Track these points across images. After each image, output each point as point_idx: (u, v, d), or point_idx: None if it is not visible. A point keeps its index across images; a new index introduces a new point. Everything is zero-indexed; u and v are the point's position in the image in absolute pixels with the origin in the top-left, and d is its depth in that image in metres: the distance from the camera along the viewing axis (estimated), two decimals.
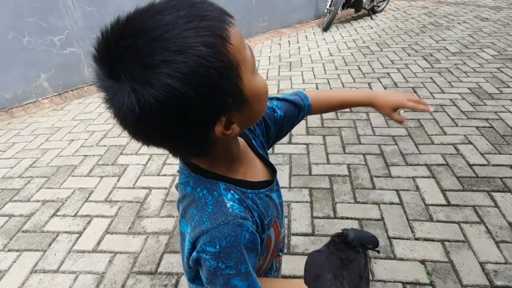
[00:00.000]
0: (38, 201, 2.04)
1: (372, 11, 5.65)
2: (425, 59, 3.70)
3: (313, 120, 2.72)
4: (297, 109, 0.74)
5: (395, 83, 3.20)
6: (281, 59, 4.05)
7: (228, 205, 0.50)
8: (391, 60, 3.74)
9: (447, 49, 3.97)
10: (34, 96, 3.45)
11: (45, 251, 1.69)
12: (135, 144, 2.54)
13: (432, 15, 5.40)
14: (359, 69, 3.58)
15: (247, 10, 4.77)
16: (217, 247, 0.48)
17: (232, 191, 0.52)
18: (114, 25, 0.40)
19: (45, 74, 3.41)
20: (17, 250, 1.70)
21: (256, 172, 0.60)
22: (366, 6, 5.32)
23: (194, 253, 0.49)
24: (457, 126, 2.48)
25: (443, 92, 2.99)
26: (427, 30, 4.70)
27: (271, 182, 0.61)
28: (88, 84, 3.69)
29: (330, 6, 4.87)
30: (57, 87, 3.53)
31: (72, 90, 3.60)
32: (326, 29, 4.99)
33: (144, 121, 0.40)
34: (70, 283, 1.52)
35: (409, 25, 4.97)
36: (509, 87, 3.01)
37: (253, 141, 0.64)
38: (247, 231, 0.49)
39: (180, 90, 0.38)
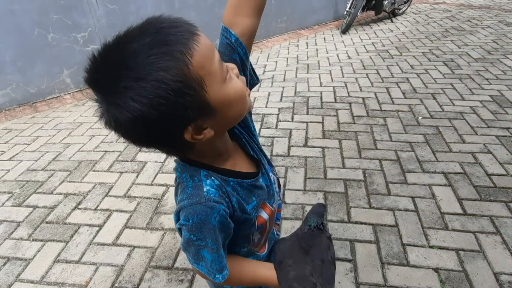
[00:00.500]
0: (60, 193, 2.12)
1: (393, 14, 5.59)
2: (446, 65, 3.65)
3: (329, 123, 2.72)
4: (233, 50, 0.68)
5: (414, 89, 3.18)
6: (299, 61, 4.06)
7: (205, 189, 0.59)
8: (410, 65, 3.70)
9: (469, 54, 3.90)
10: (57, 91, 3.56)
11: (67, 242, 1.76)
12: None
13: (455, 19, 5.30)
14: (378, 73, 3.56)
15: (266, 11, 4.76)
16: (190, 221, 0.58)
17: (212, 178, 0.61)
18: (97, 53, 0.49)
19: (68, 70, 3.51)
20: (41, 240, 1.78)
21: (245, 164, 0.70)
22: (387, 9, 5.27)
23: (177, 224, 0.61)
24: (477, 134, 2.45)
25: (463, 99, 2.95)
26: (449, 34, 4.63)
27: (256, 174, 0.70)
28: None
29: (350, 8, 4.84)
30: (78, 83, 3.63)
31: None
32: (345, 31, 4.96)
33: (122, 132, 0.51)
34: (90, 273, 1.59)
35: (431, 29, 4.89)
36: None
37: (243, 139, 0.73)
38: (218, 213, 0.58)
39: (142, 111, 0.46)
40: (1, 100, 3.31)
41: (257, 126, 2.76)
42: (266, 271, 0.71)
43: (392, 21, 5.43)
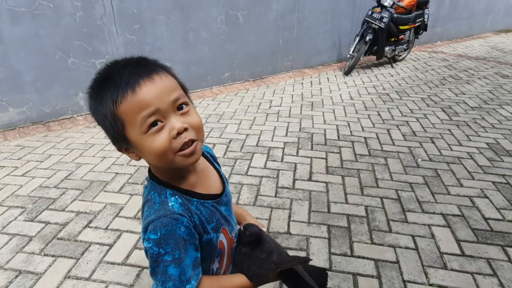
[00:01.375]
0: (72, 211, 2.17)
1: (393, 60, 5.88)
2: (444, 111, 3.84)
3: (333, 160, 2.84)
4: None
5: (413, 132, 3.33)
6: (303, 98, 4.24)
7: (170, 204, 0.69)
8: (410, 109, 3.89)
9: (466, 103, 4.10)
10: (70, 112, 3.68)
11: (78, 259, 1.80)
12: None
13: (452, 68, 5.59)
14: (379, 115, 3.73)
15: (274, 49, 5.04)
16: (158, 234, 0.65)
17: (176, 196, 0.71)
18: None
19: (83, 93, 3.65)
20: (53, 256, 1.82)
21: (208, 186, 0.79)
22: (388, 55, 5.55)
23: (145, 242, 0.68)
24: (474, 179, 2.56)
25: (460, 145, 3.09)
26: (446, 82, 4.87)
27: (218, 196, 0.79)
28: None
29: (353, 52, 5.11)
30: None
31: None
32: (347, 73, 5.21)
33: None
34: None
35: (429, 76, 5.15)
36: None
37: (216, 165, 0.87)
38: (182, 225, 0.67)
39: (98, 120, 0.67)
40: (16, 117, 3.42)
41: (263, 158, 2.87)
42: (238, 277, 0.80)
43: (392, 67, 5.71)
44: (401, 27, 5.42)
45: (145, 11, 3.75)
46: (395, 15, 5.23)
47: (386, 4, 5.01)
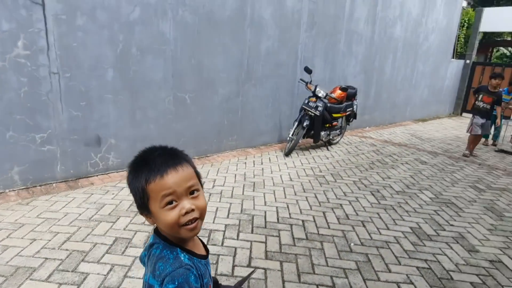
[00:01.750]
0: None
1: (329, 143, 6.42)
2: (373, 195, 4.18)
3: (272, 244, 2.89)
4: None
5: (346, 215, 3.55)
6: (246, 178, 4.38)
7: (182, 258, 0.89)
8: (343, 192, 4.18)
9: (392, 187, 4.52)
10: (2, 187, 3.40)
11: None
12: (98, 251, 2.53)
13: (379, 153, 6.21)
14: (316, 197, 3.96)
15: (219, 129, 5.28)
16: (176, 283, 0.83)
17: (184, 254, 0.91)
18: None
19: (18, 168, 3.44)
20: None
21: (200, 250, 0.99)
22: (323, 139, 6.07)
23: None
24: (400, 264, 2.75)
25: (388, 228, 3.34)
26: (375, 166, 5.37)
27: (206, 257, 1.00)
28: (58, 181, 3.73)
29: (292, 135, 5.53)
30: (26, 181, 3.52)
31: (40, 186, 3.60)
32: (287, 154, 5.55)
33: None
34: None
35: (360, 160, 5.65)
36: (444, 230, 3.43)
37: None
38: (192, 274, 0.86)
39: (132, 190, 0.91)
40: None
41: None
42: None
43: (328, 149, 6.20)
44: (334, 115, 6.05)
45: (93, 90, 3.81)
46: (328, 105, 5.86)
47: (320, 95, 5.62)
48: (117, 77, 3.97)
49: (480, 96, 6.23)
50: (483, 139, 7.89)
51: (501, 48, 21.27)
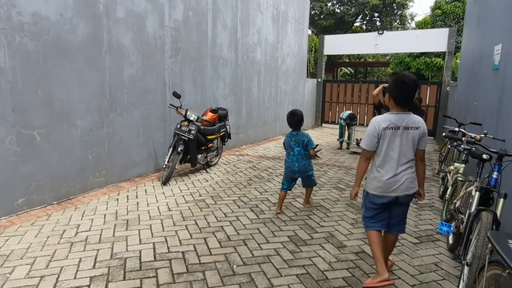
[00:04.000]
0: None
1: (207, 165, 6.39)
2: (252, 211, 4.27)
3: (163, 276, 2.62)
4: None
5: (228, 237, 3.51)
6: (118, 217, 3.96)
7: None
8: (224, 213, 4.15)
9: (269, 200, 4.71)
10: None
11: None
12: None
13: (256, 169, 6.47)
14: (196, 223, 3.82)
15: (83, 166, 4.69)
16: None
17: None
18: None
19: None
20: None
21: None
22: (201, 162, 6.01)
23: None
24: (282, 276, 2.81)
25: (268, 242, 3.42)
26: (252, 182, 5.55)
27: None
28: None
29: (168, 162, 5.30)
30: None
31: None
32: (165, 183, 5.28)
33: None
34: None
35: (238, 178, 5.77)
36: (317, 232, 3.70)
37: None
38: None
39: None
40: None
41: None
42: None
43: (207, 172, 6.16)
44: (209, 137, 6.08)
45: None
46: (202, 127, 5.85)
47: (191, 118, 5.57)
48: None
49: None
50: (338, 144, 9.07)
51: (343, 67, 25.28)
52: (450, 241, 3.33)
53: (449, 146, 5.96)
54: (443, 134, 4.46)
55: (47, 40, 4.08)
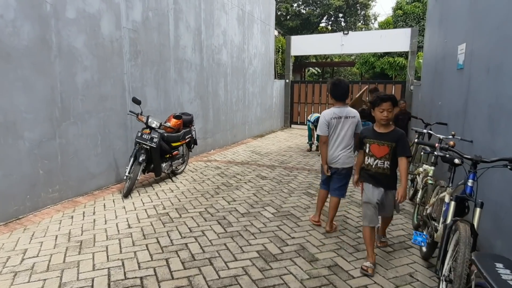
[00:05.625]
0: None
1: (173, 174, 6.09)
2: (220, 223, 4.04)
3: None
4: None
5: (192, 256, 3.26)
6: (71, 238, 3.61)
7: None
8: (189, 228, 3.90)
9: (237, 210, 4.50)
10: None
11: None
12: None
13: (224, 176, 6.24)
14: (158, 242, 3.54)
15: (33, 182, 4.28)
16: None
17: None
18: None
19: None
20: None
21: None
22: (166, 171, 5.71)
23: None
24: None
25: (236, 259, 3.21)
26: (220, 191, 5.32)
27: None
28: None
29: (129, 173, 4.97)
30: None
31: None
32: (126, 195, 4.94)
33: None
34: None
35: (205, 187, 5.52)
36: (288, 245, 3.54)
37: None
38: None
39: None
40: None
41: None
42: None
43: (172, 181, 5.87)
44: (173, 144, 5.78)
45: None
46: (165, 134, 5.55)
47: (153, 126, 5.27)
48: None
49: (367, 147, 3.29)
50: (307, 146, 9.01)
51: (311, 68, 25.51)
52: (424, 249, 3.27)
53: (416, 143, 5.95)
54: (415, 140, 4.43)
55: None
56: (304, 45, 13.11)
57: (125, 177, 5.05)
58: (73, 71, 4.74)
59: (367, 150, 3.16)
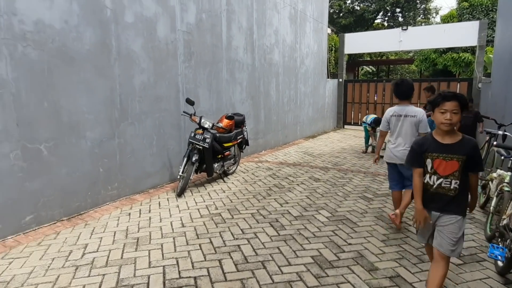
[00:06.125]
0: None
1: (224, 174, 6.09)
2: (272, 226, 3.92)
3: None
4: None
5: (245, 258, 3.17)
6: (128, 235, 3.70)
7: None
8: (241, 229, 3.82)
9: (290, 212, 4.34)
10: None
11: None
12: None
13: (276, 177, 6.11)
14: (211, 242, 3.50)
15: (94, 179, 4.49)
16: None
17: None
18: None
19: None
20: None
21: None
22: (218, 171, 5.72)
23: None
24: None
25: (290, 264, 3.06)
26: (272, 192, 5.19)
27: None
28: None
29: (182, 172, 5.03)
30: None
31: None
32: (180, 194, 5.01)
33: None
34: None
35: (257, 188, 5.43)
36: (344, 251, 3.31)
37: None
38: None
39: None
40: None
41: None
42: None
43: (224, 181, 5.86)
44: (225, 145, 5.77)
45: None
46: (217, 135, 5.56)
47: (206, 126, 5.29)
48: None
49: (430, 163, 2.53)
50: (363, 148, 8.58)
51: (365, 66, 24.54)
52: (501, 263, 2.87)
53: (496, 146, 5.34)
54: (494, 143, 3.97)
55: (52, 49, 3.89)
56: (358, 42, 12.59)
57: (178, 177, 5.13)
58: (131, 74, 4.91)
59: (429, 168, 2.35)
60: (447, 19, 16.28)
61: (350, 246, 3.43)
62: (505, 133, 4.54)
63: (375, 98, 12.47)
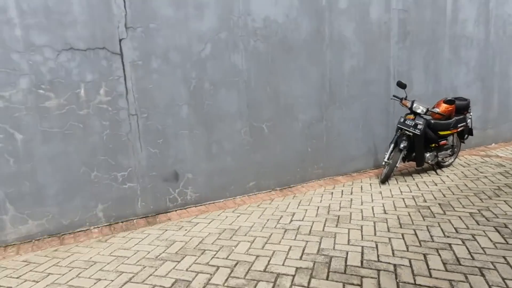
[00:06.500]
0: None
1: (438, 166, 5.40)
2: (498, 231, 3.20)
3: None
4: None
5: (457, 259, 2.73)
6: (330, 211, 3.87)
7: None
8: (455, 228, 3.31)
9: None
10: (88, 224, 3.68)
11: None
12: None
13: (509, 175, 4.93)
14: (415, 234, 3.20)
15: (303, 157, 4.91)
16: None
17: None
18: None
19: (102, 205, 3.70)
20: None
21: None
22: (430, 161, 5.13)
23: None
24: None
25: None
26: (502, 193, 4.23)
27: None
28: (138, 217, 3.88)
29: (388, 159, 4.80)
30: (109, 218, 3.76)
31: (122, 222, 3.79)
32: (384, 181, 4.81)
33: None
34: None
35: (481, 186, 4.54)
36: None
37: None
38: None
39: None
40: (34, 230, 3.47)
41: None
42: None
43: (437, 173, 5.20)
44: (441, 133, 5.10)
45: (169, 127, 3.94)
46: (432, 121, 4.98)
47: (418, 111, 4.81)
48: (192, 113, 4.04)
49: None
50: None
51: None
52: None
53: None
54: None
55: (275, 41, 4.46)
56: None
57: (383, 163, 4.92)
58: (341, 59, 5.03)
59: None
60: None
61: None
62: None
63: None
